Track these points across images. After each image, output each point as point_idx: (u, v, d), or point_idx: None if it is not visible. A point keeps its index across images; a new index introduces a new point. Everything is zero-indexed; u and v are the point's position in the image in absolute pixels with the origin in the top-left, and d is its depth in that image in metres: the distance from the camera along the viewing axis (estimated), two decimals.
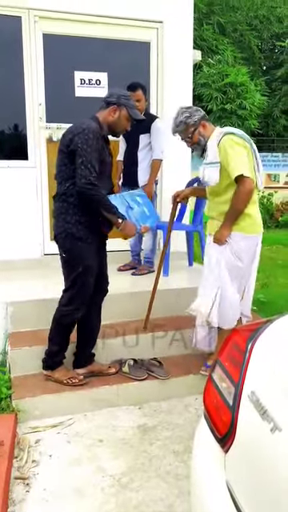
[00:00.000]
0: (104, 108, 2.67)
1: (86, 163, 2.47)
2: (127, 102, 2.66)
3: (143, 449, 2.51)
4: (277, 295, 4.92)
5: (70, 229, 2.63)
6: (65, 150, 2.57)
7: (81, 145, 2.48)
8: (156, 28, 4.32)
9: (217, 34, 10.99)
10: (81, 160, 2.48)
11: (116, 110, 2.64)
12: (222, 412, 1.28)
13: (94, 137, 2.50)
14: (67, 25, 4.09)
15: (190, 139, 2.92)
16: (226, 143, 2.78)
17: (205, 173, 2.86)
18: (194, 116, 2.88)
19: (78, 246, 2.66)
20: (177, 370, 3.11)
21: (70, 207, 2.62)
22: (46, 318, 3.27)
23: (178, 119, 2.89)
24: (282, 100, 11.43)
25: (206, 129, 2.91)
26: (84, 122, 2.56)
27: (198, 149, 2.95)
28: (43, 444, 2.56)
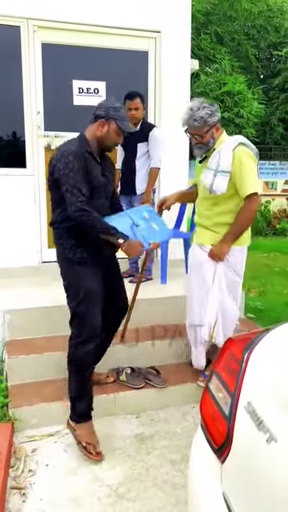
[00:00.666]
0: (92, 122, 2.47)
1: (71, 189, 2.32)
2: (116, 114, 2.42)
3: (140, 458, 2.51)
4: (274, 303, 4.93)
5: (67, 254, 2.49)
6: (50, 178, 2.45)
7: (62, 170, 2.32)
8: (154, 37, 4.35)
9: (214, 44, 11.06)
10: (65, 187, 2.34)
11: (104, 124, 2.42)
12: (218, 422, 1.28)
13: (74, 158, 2.32)
14: (66, 34, 4.12)
15: (200, 137, 2.76)
16: (241, 155, 2.71)
17: (215, 180, 2.73)
18: (214, 116, 2.73)
19: (75, 270, 2.50)
20: (174, 379, 3.10)
21: (63, 233, 2.49)
22: (43, 326, 3.30)
23: (199, 114, 2.68)
24: (279, 108, 11.48)
25: (218, 132, 2.81)
26: (65, 146, 2.42)
27: (203, 150, 2.82)
28: (40, 453, 2.55)
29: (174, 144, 4.20)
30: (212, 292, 2.89)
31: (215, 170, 2.74)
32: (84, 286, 2.48)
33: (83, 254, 2.48)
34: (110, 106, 2.44)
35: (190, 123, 2.73)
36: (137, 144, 3.81)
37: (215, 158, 2.77)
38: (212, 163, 2.78)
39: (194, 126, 2.73)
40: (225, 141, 2.83)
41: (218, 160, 2.75)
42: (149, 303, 3.46)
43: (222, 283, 2.89)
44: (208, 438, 1.33)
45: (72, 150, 2.36)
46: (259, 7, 11.54)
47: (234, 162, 2.71)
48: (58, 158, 2.36)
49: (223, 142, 2.82)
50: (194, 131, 2.77)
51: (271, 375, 1.17)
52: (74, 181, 2.32)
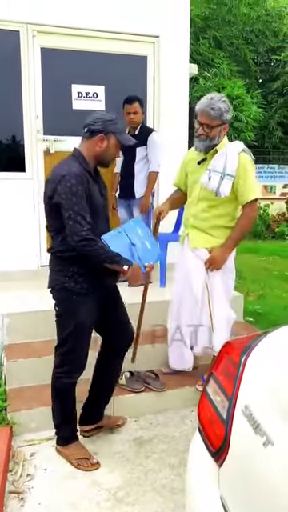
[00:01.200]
0: (88, 138, 2.27)
1: (75, 216, 2.15)
2: (115, 128, 2.28)
3: (139, 462, 2.50)
4: (273, 306, 4.93)
5: (68, 282, 2.30)
6: (48, 201, 2.25)
7: (64, 195, 2.15)
8: (153, 42, 4.38)
9: (213, 48, 11.11)
10: (68, 214, 2.16)
11: (103, 140, 2.26)
12: (215, 426, 1.29)
13: (77, 182, 2.16)
14: (65, 39, 4.14)
15: (208, 129, 2.70)
16: (246, 160, 2.75)
17: (222, 184, 2.72)
18: (228, 114, 2.73)
19: (72, 300, 2.32)
20: (173, 382, 3.10)
21: (65, 261, 2.31)
22: (42, 329, 3.29)
23: (218, 105, 2.66)
24: (277, 112, 11.52)
25: (224, 133, 2.81)
26: (63, 167, 2.22)
27: (206, 144, 2.77)
28: (38, 457, 2.54)
29: (172, 148, 4.21)
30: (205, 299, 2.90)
31: (222, 173, 2.73)
32: (78, 319, 2.33)
33: (83, 285, 2.31)
34: (107, 119, 2.27)
35: (207, 110, 2.69)
36: (136, 148, 3.82)
37: (221, 161, 2.75)
38: (218, 166, 2.75)
39: (209, 115, 2.69)
40: (227, 144, 2.84)
41: (224, 162, 2.73)
42: (147, 306, 3.44)
43: (219, 290, 2.90)
44: (205, 441, 1.33)
45: (74, 172, 2.18)
46: (257, 12, 11.60)
47: (238, 166, 2.73)
48: (58, 180, 2.17)
49: (225, 145, 2.83)
50: (205, 120, 2.71)
51: (268, 379, 1.17)
52: (78, 207, 2.16)
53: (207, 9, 10.76)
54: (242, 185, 2.72)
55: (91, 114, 2.32)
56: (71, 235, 2.18)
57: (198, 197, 2.91)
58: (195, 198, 2.93)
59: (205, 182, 2.81)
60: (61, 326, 2.39)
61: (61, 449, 2.53)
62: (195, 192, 2.93)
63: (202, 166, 2.87)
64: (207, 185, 2.79)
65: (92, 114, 2.32)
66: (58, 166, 2.28)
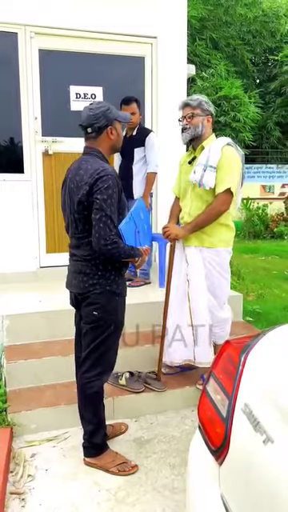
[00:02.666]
0: (96, 135, 2.27)
1: (106, 219, 2.12)
2: (115, 113, 2.29)
3: (139, 462, 2.50)
4: (272, 306, 4.94)
5: (110, 285, 2.28)
6: (82, 201, 2.16)
7: (100, 196, 2.11)
8: (150, 43, 4.39)
9: (210, 49, 11.14)
10: (99, 215, 2.12)
11: (112, 129, 2.28)
12: (216, 424, 1.29)
13: (113, 184, 2.15)
14: (63, 40, 4.15)
15: (190, 118, 2.84)
16: (229, 153, 2.79)
17: (204, 175, 2.76)
18: (209, 105, 2.89)
19: (115, 302, 2.33)
20: (173, 382, 3.11)
21: (102, 264, 2.27)
22: (42, 330, 3.31)
23: (196, 96, 2.90)
24: (275, 112, 11.56)
25: (208, 125, 2.89)
26: (94, 165, 2.18)
27: (190, 132, 2.86)
28: (39, 458, 2.54)
29: (170, 149, 4.21)
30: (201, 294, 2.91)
31: (205, 165, 2.78)
32: (118, 319, 2.37)
33: (120, 286, 2.34)
34: (104, 110, 2.25)
35: (186, 102, 2.90)
36: (133, 149, 3.83)
37: (205, 154, 2.82)
38: (202, 159, 2.82)
39: (188, 105, 2.87)
40: (214, 140, 2.91)
41: (207, 155, 2.80)
42: (147, 307, 3.46)
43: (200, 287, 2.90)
44: (206, 439, 1.33)
45: (110, 171, 2.17)
46: (254, 12, 11.63)
47: (221, 159, 2.77)
48: (95, 177, 2.13)
49: (212, 141, 2.90)
50: (186, 111, 2.87)
51: (268, 377, 1.18)
52: (110, 210, 2.14)
53: (204, 10, 10.78)
54: (221, 176, 2.76)
55: (86, 113, 2.26)
56: (98, 238, 2.14)
57: (191, 196, 2.94)
58: (189, 198, 2.96)
59: (191, 176, 2.86)
60: (98, 331, 2.32)
61: (93, 460, 2.44)
62: (188, 191, 2.97)
63: (192, 165, 2.93)
64: (192, 178, 2.84)
65: (86, 113, 2.26)
66: (88, 167, 2.20)
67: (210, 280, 2.92)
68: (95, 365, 2.37)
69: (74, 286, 2.35)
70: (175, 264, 3.02)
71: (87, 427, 2.43)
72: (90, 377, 2.37)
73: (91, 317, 2.32)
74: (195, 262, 2.91)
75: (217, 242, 2.92)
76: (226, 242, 2.95)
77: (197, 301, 2.90)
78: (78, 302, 2.40)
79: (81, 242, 2.28)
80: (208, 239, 2.90)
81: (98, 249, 2.17)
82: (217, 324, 3.00)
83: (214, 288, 2.94)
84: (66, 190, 2.33)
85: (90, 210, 2.18)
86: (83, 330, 2.39)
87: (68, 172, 2.36)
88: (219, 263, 2.93)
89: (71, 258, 2.40)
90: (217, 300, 2.97)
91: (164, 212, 3.89)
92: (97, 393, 2.40)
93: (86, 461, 2.47)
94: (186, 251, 2.95)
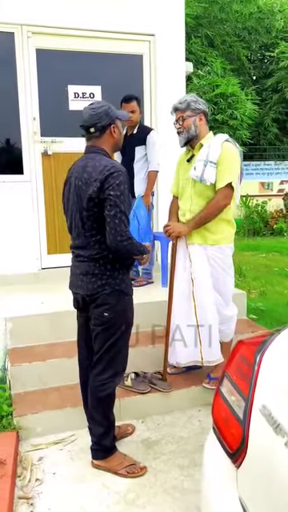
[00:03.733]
0: (100, 135, 2.25)
1: (121, 215, 2.10)
2: (116, 112, 2.29)
3: (148, 464, 2.48)
4: (275, 303, 4.92)
5: (119, 284, 2.25)
6: (93, 198, 2.13)
7: (113, 192, 2.09)
8: (148, 41, 4.36)
9: (205, 47, 11.10)
10: (114, 212, 2.09)
11: (114, 128, 2.27)
12: (232, 426, 1.26)
13: (124, 180, 2.14)
14: (60, 40, 4.12)
15: (181, 121, 2.84)
16: (228, 149, 2.79)
17: (205, 170, 2.74)
18: (198, 103, 2.85)
19: (125, 302, 2.30)
20: (179, 382, 3.08)
21: (110, 264, 2.24)
22: (46, 332, 3.28)
23: (184, 98, 2.87)
24: (272, 109, 11.53)
25: (202, 123, 2.88)
26: (101, 162, 2.16)
27: (184, 136, 2.86)
28: (46, 462, 2.52)
29: (170, 147, 4.18)
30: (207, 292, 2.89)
31: (205, 161, 2.77)
32: (128, 319, 2.34)
33: (128, 284, 2.33)
34: (106, 109, 2.24)
35: (176, 106, 2.88)
36: (134, 148, 3.81)
37: (204, 150, 2.81)
38: (202, 155, 2.81)
39: (178, 109, 2.86)
40: (213, 137, 2.90)
41: (207, 151, 2.79)
42: (151, 307, 3.43)
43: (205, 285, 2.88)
44: (222, 442, 1.31)
45: (120, 168, 2.17)
46: (250, 9, 11.60)
47: (221, 154, 2.77)
48: (105, 174, 2.11)
49: (211, 138, 2.89)
50: (178, 115, 2.87)
51: (285, 377, 1.15)
52: (124, 206, 2.12)
53: (199, 8, 10.74)
54: (221, 171, 2.76)
55: (88, 113, 2.23)
56: (114, 234, 2.11)
57: (191, 193, 2.91)
58: (189, 195, 2.93)
59: (191, 173, 2.85)
60: (109, 332, 2.28)
61: (101, 463, 2.40)
62: (188, 189, 2.94)
63: (191, 163, 2.92)
64: (193, 175, 2.82)
65: (88, 113, 2.23)
66: (93, 161, 2.18)
67: (214, 277, 2.90)
68: (108, 367, 2.33)
69: (81, 287, 2.30)
70: (178, 263, 2.99)
71: (97, 430, 2.39)
72: (103, 379, 2.33)
73: (102, 318, 2.27)
74: (199, 260, 2.89)
75: (220, 238, 2.90)
76: (228, 239, 2.95)
77: (203, 299, 2.87)
78: (85, 304, 2.35)
79: (88, 241, 2.24)
80: (211, 236, 2.88)
81: (115, 245, 2.14)
82: (222, 322, 2.98)
83: (219, 285, 2.92)
84: (70, 189, 2.29)
85: (100, 207, 2.15)
86: (93, 333, 2.35)
87: (71, 171, 2.33)
88: (223, 260, 2.92)
89: (75, 259, 2.35)
90: (222, 297, 2.95)
91: (165, 211, 3.87)
92: (110, 395, 2.37)
93: (95, 463, 2.45)
94: (189, 249, 2.93)
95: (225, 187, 2.76)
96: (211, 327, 2.88)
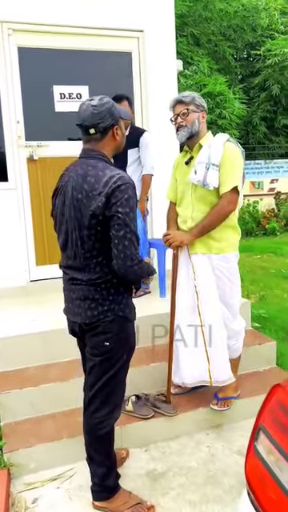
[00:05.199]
0: (101, 137, 1.95)
1: (131, 235, 1.83)
2: (119, 110, 2.01)
3: (156, 501, 2.23)
4: (277, 309, 4.71)
5: (122, 310, 1.99)
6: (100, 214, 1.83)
7: (121, 209, 1.80)
8: (137, 37, 4.12)
9: (191, 46, 10.92)
10: (123, 232, 1.81)
11: (118, 129, 1.98)
12: (271, 491, 1.03)
13: (133, 194, 1.88)
14: (43, 37, 3.86)
15: (184, 115, 2.59)
16: (231, 150, 2.58)
17: (208, 174, 2.52)
18: (202, 101, 2.68)
19: (127, 328, 2.04)
20: (184, 404, 2.84)
21: (113, 288, 1.98)
22: (38, 353, 3.02)
23: (187, 93, 2.67)
24: (260, 107, 11.37)
25: (203, 122, 2.67)
26: (112, 174, 1.86)
27: (186, 130, 2.61)
28: (42, 503, 2.26)
29: (162, 149, 3.94)
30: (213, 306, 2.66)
31: (207, 164, 2.55)
32: (130, 348, 2.09)
33: (132, 310, 2.08)
34: (109, 107, 1.93)
35: (178, 99, 2.66)
36: (127, 150, 3.56)
37: (205, 152, 2.59)
38: (202, 157, 2.58)
39: (181, 101, 2.64)
40: (213, 137, 2.69)
41: (208, 153, 2.57)
42: (150, 320, 3.19)
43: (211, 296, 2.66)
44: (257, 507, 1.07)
45: (127, 179, 1.87)
46: (234, 7, 11.43)
47: (223, 156, 2.55)
48: (112, 187, 1.82)
49: (210, 138, 2.68)
50: (179, 108, 2.64)
51: None
52: (134, 225, 1.85)
53: (183, 6, 10.54)
54: (225, 174, 2.54)
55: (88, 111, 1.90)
56: (123, 259, 1.83)
57: (192, 198, 2.68)
58: (189, 201, 2.70)
59: (192, 177, 2.61)
60: (108, 363, 2.02)
61: (104, 504, 2.15)
62: (188, 194, 2.71)
63: (190, 166, 2.70)
64: (194, 179, 2.60)
65: (89, 111, 1.90)
66: (95, 170, 1.89)
67: (221, 289, 2.67)
68: (106, 402, 2.07)
69: (79, 314, 2.01)
70: (181, 274, 2.76)
71: (98, 470, 2.14)
72: (101, 416, 2.07)
73: (101, 348, 2.00)
74: (204, 271, 2.65)
75: (225, 246, 2.67)
76: (234, 246, 2.73)
77: (209, 314, 2.64)
78: (83, 332, 2.07)
79: (87, 263, 1.94)
80: (216, 245, 2.65)
81: (124, 270, 1.86)
82: (230, 336, 2.75)
83: (227, 297, 2.69)
84: (65, 201, 1.96)
85: (104, 226, 1.86)
86: (89, 364, 2.06)
87: (66, 178, 1.99)
88: (229, 270, 2.69)
89: (70, 282, 2.04)
90: (229, 309, 2.72)
91: (159, 216, 3.63)
92: (109, 432, 2.12)
93: (96, 505, 2.19)
94: (192, 259, 2.69)
95: (230, 192, 2.54)
96: (220, 344, 2.65)
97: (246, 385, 3.04)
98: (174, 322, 2.76)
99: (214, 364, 2.66)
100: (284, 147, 11.82)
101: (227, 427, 2.83)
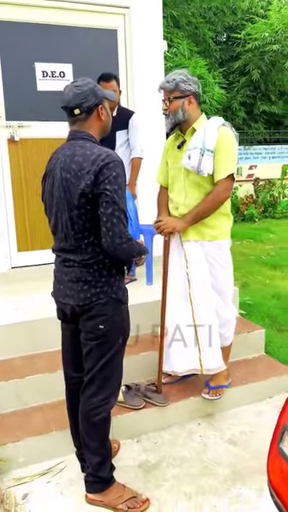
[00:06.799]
0: (86, 117, 1.92)
1: (119, 213, 1.80)
2: (101, 90, 1.97)
3: (150, 494, 2.18)
4: (261, 295, 4.70)
5: (115, 292, 1.95)
6: (89, 193, 1.80)
7: (109, 186, 1.78)
8: (123, 14, 3.95)
9: (171, 28, 10.71)
10: (111, 209, 1.78)
11: (102, 108, 1.95)
12: None
13: (121, 172, 1.85)
14: (24, 11, 3.64)
15: (168, 102, 2.50)
16: (226, 135, 2.49)
17: (202, 160, 2.43)
18: (189, 84, 2.49)
19: (121, 311, 2.01)
20: (175, 393, 2.79)
21: (105, 269, 1.94)
22: (22, 343, 2.91)
23: (173, 77, 2.51)
24: (240, 92, 11.29)
25: (192, 107, 2.53)
26: (100, 153, 1.83)
27: (169, 121, 2.54)
28: (32, 499, 2.18)
29: (149, 132, 3.82)
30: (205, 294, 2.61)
31: (201, 149, 2.46)
32: (125, 330, 2.06)
33: (125, 291, 2.05)
34: (92, 87, 1.91)
35: (163, 85, 2.54)
36: (115, 132, 3.41)
37: (199, 137, 2.49)
38: (196, 142, 2.49)
39: (165, 87, 2.52)
40: (205, 121, 2.58)
41: (203, 137, 2.47)
42: (138, 309, 3.09)
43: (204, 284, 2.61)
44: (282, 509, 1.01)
45: (115, 157, 1.84)
46: None
47: (218, 141, 2.46)
48: (100, 164, 1.79)
49: (203, 122, 2.57)
50: (165, 95, 2.54)
51: None
52: (122, 203, 1.81)
53: None
54: (219, 160, 2.46)
55: (71, 92, 1.89)
56: (112, 236, 1.80)
57: (184, 184, 2.60)
58: (182, 187, 2.62)
59: (185, 163, 2.52)
60: (105, 347, 1.98)
61: (97, 496, 2.09)
62: (180, 179, 2.62)
63: (182, 150, 2.60)
64: (187, 164, 2.51)
65: (72, 91, 1.89)
66: (83, 149, 1.85)
67: (214, 276, 2.61)
68: (103, 387, 2.03)
69: (72, 296, 1.95)
70: (173, 261, 2.68)
71: (93, 459, 2.07)
72: (97, 401, 2.02)
73: (97, 332, 1.96)
74: (196, 259, 2.59)
75: (219, 234, 2.61)
76: (227, 233, 2.67)
77: (201, 302, 2.58)
78: (75, 316, 2.00)
79: (79, 244, 1.90)
80: (209, 232, 2.58)
81: (113, 249, 1.83)
82: (222, 325, 2.70)
83: (220, 284, 2.64)
84: (54, 183, 1.92)
85: (93, 205, 1.83)
86: (85, 349, 2.02)
87: (54, 160, 1.96)
88: (222, 257, 2.64)
89: (62, 264, 1.99)
90: (222, 297, 2.67)
91: (147, 201, 3.52)
92: (105, 419, 2.06)
93: (89, 497, 2.13)
94: (184, 247, 2.62)
95: (225, 179, 2.46)
96: (211, 332, 2.60)
97: (235, 373, 3.01)
98: (165, 310, 2.69)
99: (206, 352, 2.61)
100: (263, 133, 11.83)
101: (218, 416, 2.80)
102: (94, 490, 2.11)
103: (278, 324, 3.98)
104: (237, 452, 2.47)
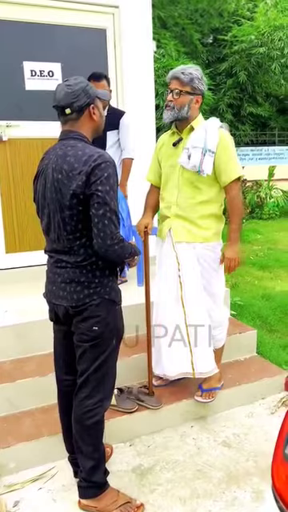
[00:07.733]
0: (77, 116, 1.89)
1: (111, 214, 1.78)
2: (93, 89, 1.94)
3: (144, 499, 2.15)
4: (251, 296, 4.71)
5: (108, 293, 1.93)
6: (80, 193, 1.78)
7: (101, 187, 1.75)
8: (112, 13, 3.92)
9: (158, 29, 10.71)
10: (103, 210, 1.76)
11: (94, 108, 1.92)
12: None
13: (113, 172, 1.83)
14: (13, 9, 3.59)
15: (177, 95, 2.42)
16: (226, 136, 2.49)
17: (204, 159, 2.42)
18: (201, 83, 2.47)
19: (115, 312, 1.99)
20: (167, 396, 2.76)
21: (98, 270, 1.92)
22: (12, 347, 2.86)
23: (189, 70, 2.45)
24: (226, 94, 11.35)
25: (196, 107, 2.51)
26: (92, 153, 1.80)
27: (173, 113, 2.47)
28: (23, 506, 2.13)
29: (139, 131, 3.79)
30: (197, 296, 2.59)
31: (203, 148, 2.44)
32: (119, 332, 2.06)
33: (118, 292, 2.03)
34: (84, 86, 1.88)
35: (177, 75, 2.46)
36: (106, 132, 3.38)
37: (200, 137, 2.46)
38: (197, 141, 2.46)
39: (178, 78, 2.45)
40: (204, 121, 2.56)
41: (204, 137, 2.45)
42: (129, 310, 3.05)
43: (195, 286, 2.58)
44: None
45: (107, 157, 1.82)
46: None
47: (220, 143, 2.45)
48: (92, 165, 1.76)
49: (201, 122, 2.55)
50: (174, 85, 2.46)
51: None
52: (114, 204, 1.79)
53: None
54: (225, 162, 2.46)
55: (63, 91, 1.85)
56: (103, 238, 1.78)
57: (178, 182, 2.57)
58: (175, 185, 2.59)
59: (184, 161, 2.49)
60: (99, 348, 1.96)
61: (91, 502, 2.04)
62: (174, 177, 2.59)
63: (178, 147, 2.57)
64: (187, 164, 2.48)
65: (63, 90, 1.86)
66: (75, 150, 1.83)
67: (205, 278, 2.59)
68: (96, 390, 2.00)
69: (64, 298, 1.93)
70: (165, 264, 2.66)
71: (86, 464, 2.03)
72: (90, 404, 1.99)
73: (90, 333, 1.93)
74: (188, 261, 2.56)
75: (211, 235, 2.59)
76: (218, 235, 2.67)
77: (193, 304, 2.56)
78: (68, 317, 1.97)
79: (71, 246, 1.88)
80: (201, 233, 2.57)
81: (104, 250, 1.82)
82: (214, 327, 2.68)
83: (212, 286, 2.62)
84: (45, 183, 1.89)
85: (85, 205, 1.81)
86: (78, 350, 1.99)
87: (45, 161, 1.93)
88: (214, 259, 2.62)
89: (55, 265, 1.96)
90: (214, 299, 2.66)
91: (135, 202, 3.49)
92: (98, 422, 2.02)
93: (83, 504, 2.08)
94: (176, 249, 2.59)
95: (235, 181, 2.48)
96: (203, 334, 2.57)
97: (227, 374, 2.99)
98: (149, 312, 2.68)
99: (197, 356, 2.59)
100: (249, 135, 11.89)
101: (211, 418, 2.78)
102: (88, 495, 2.07)
103: (268, 325, 3.99)
104: (231, 454, 2.45)
